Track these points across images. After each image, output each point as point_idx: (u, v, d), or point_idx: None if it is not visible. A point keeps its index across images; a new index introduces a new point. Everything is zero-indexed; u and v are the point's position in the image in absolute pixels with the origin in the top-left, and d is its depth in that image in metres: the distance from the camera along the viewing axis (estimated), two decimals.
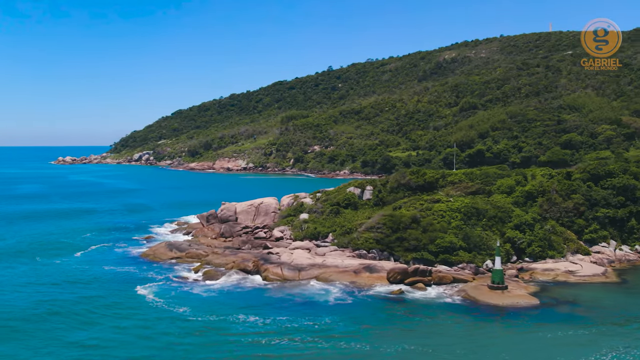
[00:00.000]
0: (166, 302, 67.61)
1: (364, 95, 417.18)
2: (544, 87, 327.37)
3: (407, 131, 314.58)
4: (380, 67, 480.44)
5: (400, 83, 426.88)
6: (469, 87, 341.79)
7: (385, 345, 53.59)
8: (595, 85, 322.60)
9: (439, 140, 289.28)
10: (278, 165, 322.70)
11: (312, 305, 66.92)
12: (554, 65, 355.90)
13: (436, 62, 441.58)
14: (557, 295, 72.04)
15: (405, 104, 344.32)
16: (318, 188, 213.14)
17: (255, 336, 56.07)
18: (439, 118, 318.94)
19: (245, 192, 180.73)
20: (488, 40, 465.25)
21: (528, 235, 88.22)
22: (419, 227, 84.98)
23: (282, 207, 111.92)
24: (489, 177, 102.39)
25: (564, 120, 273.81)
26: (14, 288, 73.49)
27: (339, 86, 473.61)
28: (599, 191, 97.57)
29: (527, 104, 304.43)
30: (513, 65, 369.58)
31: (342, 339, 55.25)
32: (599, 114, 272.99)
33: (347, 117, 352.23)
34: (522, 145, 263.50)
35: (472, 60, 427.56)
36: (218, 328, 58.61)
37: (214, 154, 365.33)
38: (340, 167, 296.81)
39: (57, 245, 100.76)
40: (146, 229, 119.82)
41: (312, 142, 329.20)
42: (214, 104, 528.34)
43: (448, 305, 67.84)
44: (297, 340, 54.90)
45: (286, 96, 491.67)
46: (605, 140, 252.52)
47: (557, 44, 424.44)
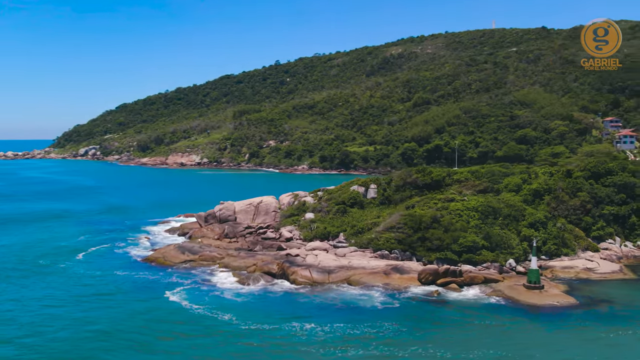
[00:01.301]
0: (206, 309, 64.85)
1: (312, 90, 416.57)
2: (494, 83, 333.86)
3: (362, 126, 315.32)
4: (328, 62, 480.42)
5: (348, 78, 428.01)
6: (420, 83, 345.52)
7: (464, 352, 52.59)
8: (543, 82, 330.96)
9: (394, 135, 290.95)
10: (233, 161, 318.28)
11: (360, 310, 65.21)
12: (501, 62, 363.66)
13: (383, 57, 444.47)
14: (590, 294, 72.61)
15: (358, 99, 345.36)
16: (284, 183, 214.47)
17: (326, 346, 54.09)
18: (393, 113, 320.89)
19: (222, 190, 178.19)
20: (433, 37, 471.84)
21: (542, 233, 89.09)
22: (439, 227, 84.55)
23: (282, 206, 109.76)
24: (495, 176, 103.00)
25: (516, 116, 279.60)
26: (42, 310, 65.57)
27: (287, 80, 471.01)
28: (602, 189, 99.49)
29: (479, 99, 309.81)
30: (461, 62, 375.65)
31: (416, 345, 53.96)
32: (551, 110, 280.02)
33: (301, 112, 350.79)
34: (478, 140, 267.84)
35: (418, 56, 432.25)
36: (282, 338, 56.36)
37: (166, 149, 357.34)
38: (298, 162, 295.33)
39: (56, 251, 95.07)
40: (138, 229, 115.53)
41: (267, 137, 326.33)
42: (160, 98, 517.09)
43: (493, 307, 67.43)
44: (372, 349, 53.41)
45: (234, 90, 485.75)
46: (558, 135, 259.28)
47: (501, 40, 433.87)
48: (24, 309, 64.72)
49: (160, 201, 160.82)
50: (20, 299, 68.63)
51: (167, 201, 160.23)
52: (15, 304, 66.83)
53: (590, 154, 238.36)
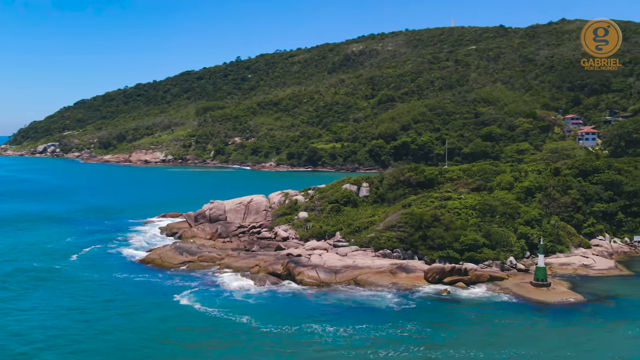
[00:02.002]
0: (222, 312, 63.33)
1: (274, 86, 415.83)
2: (456, 80, 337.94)
3: (327, 123, 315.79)
4: (289, 59, 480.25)
5: (310, 74, 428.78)
6: (384, 80, 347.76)
7: (497, 353, 52.70)
8: (504, 79, 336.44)
9: (361, 132, 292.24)
10: (198, 158, 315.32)
11: (378, 311, 64.63)
12: (462, 59, 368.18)
13: (344, 54, 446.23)
14: (594, 291, 73.45)
15: (322, 95, 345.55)
16: (261, 181, 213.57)
17: (355, 349, 53.42)
18: (358, 110, 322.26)
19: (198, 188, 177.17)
20: (394, 34, 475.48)
21: (537, 230, 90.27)
22: (440, 225, 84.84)
23: (273, 204, 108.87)
24: (487, 174, 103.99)
25: (481, 113, 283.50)
26: (53, 321, 61.27)
27: (248, 77, 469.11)
28: (591, 186, 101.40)
29: (443, 97, 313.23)
30: (423, 59, 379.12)
31: (447, 347, 53.72)
32: (514, 107, 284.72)
33: (266, 109, 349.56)
34: (445, 137, 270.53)
35: (379, 53, 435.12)
36: (309, 341, 55.46)
37: (129, 146, 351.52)
38: (265, 159, 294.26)
39: (47, 254, 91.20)
40: (123, 229, 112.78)
41: (232, 133, 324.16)
42: (119, 94, 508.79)
43: (507, 305, 67.73)
44: (402, 351, 53.09)
45: (195, 86, 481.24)
46: (523, 132, 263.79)
47: (460, 38, 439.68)
48: (33, 319, 61.39)
49: (138, 200, 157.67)
50: (26, 308, 65.33)
51: (144, 200, 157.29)
52: (23, 314, 63.38)
53: (555, 150, 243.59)
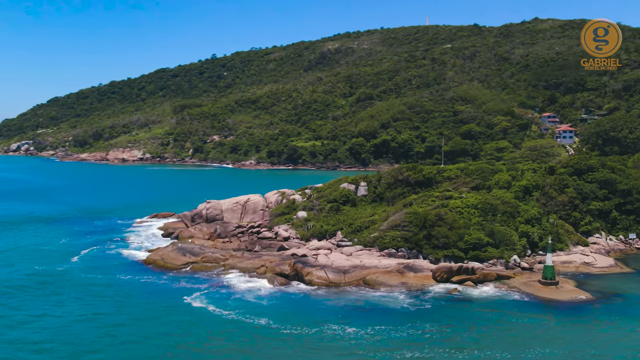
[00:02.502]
0: (238, 314, 62.62)
1: (250, 84, 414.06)
2: (433, 79, 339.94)
3: (306, 121, 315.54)
4: (265, 56, 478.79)
5: (286, 72, 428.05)
6: (362, 78, 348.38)
7: (523, 353, 52.82)
8: (480, 78, 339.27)
9: (340, 130, 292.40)
10: (177, 156, 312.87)
11: (394, 312, 64.37)
12: (439, 58, 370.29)
13: (320, 52, 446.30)
14: (599, 288, 74.06)
15: (300, 94, 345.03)
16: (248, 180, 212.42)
17: (380, 350, 53.18)
18: (336, 108, 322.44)
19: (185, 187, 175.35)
20: (369, 32, 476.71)
21: (537, 229, 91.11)
22: (444, 225, 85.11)
23: (270, 204, 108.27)
24: (485, 173, 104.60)
25: (459, 111, 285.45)
26: (68, 328, 59.12)
27: (224, 75, 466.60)
28: (586, 185, 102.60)
29: (420, 95, 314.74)
30: (399, 58, 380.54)
31: (471, 347, 53.85)
32: (492, 105, 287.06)
33: (244, 107, 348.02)
34: (425, 135, 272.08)
35: (355, 51, 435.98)
36: (332, 343, 55.07)
37: (105, 144, 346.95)
38: (244, 157, 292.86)
39: (46, 256, 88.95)
40: (117, 230, 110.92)
41: (210, 131, 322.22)
42: (93, 92, 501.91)
43: (520, 304, 68.10)
44: (427, 352, 53.02)
45: (170, 84, 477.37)
46: (501, 130, 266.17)
47: (435, 37, 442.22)
48: (48, 328, 59.00)
49: (125, 199, 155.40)
50: (38, 314, 63.28)
51: (131, 199, 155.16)
52: (38, 322, 60.91)
53: (534, 148, 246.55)
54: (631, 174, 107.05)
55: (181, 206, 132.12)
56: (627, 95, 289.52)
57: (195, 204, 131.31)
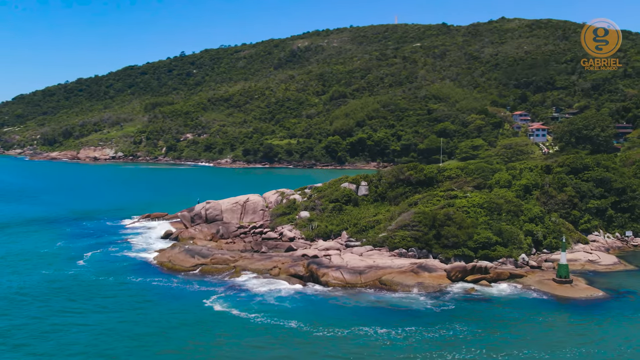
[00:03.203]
0: (265, 317, 61.61)
1: (220, 82, 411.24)
2: (405, 77, 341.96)
3: (280, 119, 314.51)
4: (235, 54, 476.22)
5: (256, 70, 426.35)
6: (334, 76, 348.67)
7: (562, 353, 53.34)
8: (452, 76, 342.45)
9: (315, 129, 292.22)
10: (150, 154, 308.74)
11: (419, 313, 63.97)
12: (410, 56, 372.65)
13: (290, 50, 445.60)
14: (610, 286, 74.77)
15: (273, 92, 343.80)
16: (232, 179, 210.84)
17: (420, 352, 53.02)
18: (310, 106, 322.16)
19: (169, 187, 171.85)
20: (339, 30, 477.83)
21: (541, 227, 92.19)
22: (453, 224, 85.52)
23: (269, 204, 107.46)
24: (485, 172, 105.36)
25: (433, 109, 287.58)
26: (100, 337, 56.88)
27: (194, 72, 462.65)
28: (584, 184, 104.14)
29: (394, 93, 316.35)
30: (370, 56, 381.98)
31: (510, 347, 53.91)
32: (466, 104, 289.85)
33: (217, 105, 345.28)
34: (400, 133, 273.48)
35: (325, 49, 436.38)
36: (370, 344, 54.56)
37: (76, 143, 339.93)
38: (219, 155, 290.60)
39: (48, 260, 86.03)
40: (112, 231, 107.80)
41: (183, 129, 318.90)
42: (59, 89, 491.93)
43: (539, 302, 68.52)
44: (464, 353, 53.02)
45: (139, 81, 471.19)
46: (476, 129, 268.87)
47: (405, 35, 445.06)
48: (77, 339, 56.44)
49: (110, 200, 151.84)
50: (62, 324, 60.63)
51: (117, 200, 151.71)
52: (65, 332, 58.19)
53: (509, 146, 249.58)
54: (624, 172, 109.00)
55: (169, 206, 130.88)
56: (595, 94, 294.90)
57: (181, 203, 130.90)
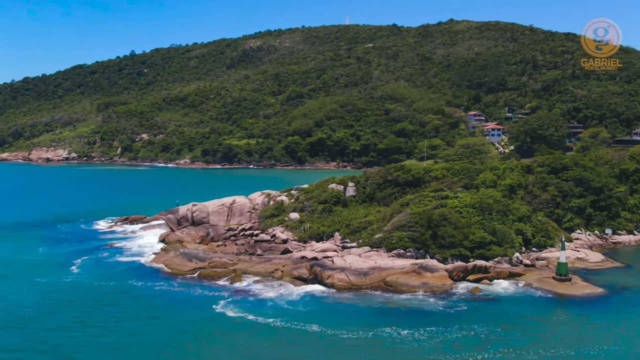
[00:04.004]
0: (283, 321, 61.17)
1: (172, 82, 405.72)
2: (360, 77, 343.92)
3: (237, 119, 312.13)
4: (186, 53, 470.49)
5: (208, 70, 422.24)
6: (290, 77, 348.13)
7: (584, 350, 54.54)
8: (405, 77, 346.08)
9: (273, 129, 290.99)
10: (105, 155, 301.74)
11: (434, 314, 64.68)
12: (364, 57, 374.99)
13: (242, 49, 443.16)
14: (606, 283, 76.32)
15: (229, 92, 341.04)
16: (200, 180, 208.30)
17: (447, 353, 53.63)
18: (267, 106, 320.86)
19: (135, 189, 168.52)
20: (291, 30, 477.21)
21: (529, 226, 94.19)
22: (448, 224, 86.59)
23: (256, 206, 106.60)
24: (470, 172, 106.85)
25: (390, 109, 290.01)
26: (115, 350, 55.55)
27: (145, 71, 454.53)
28: (564, 183, 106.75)
29: (350, 93, 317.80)
30: (324, 56, 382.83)
31: (534, 346, 54.93)
32: (422, 104, 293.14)
33: (172, 105, 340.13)
34: (359, 133, 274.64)
35: (277, 49, 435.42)
36: (398, 346, 55.06)
37: (27, 143, 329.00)
38: (177, 156, 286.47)
39: (38, 266, 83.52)
40: (95, 236, 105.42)
41: (139, 130, 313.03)
42: (5, 88, 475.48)
43: (546, 300, 70.10)
44: (492, 352, 53.92)
45: (88, 81, 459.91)
46: (433, 129, 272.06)
47: (356, 36, 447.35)
48: (99, 356, 54.88)
49: (78, 202, 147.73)
50: (78, 336, 58.45)
51: (86, 202, 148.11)
52: (85, 347, 56.08)
53: (467, 146, 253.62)
54: (601, 172, 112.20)
55: (143, 209, 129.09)
56: (546, 94, 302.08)
57: (155, 205, 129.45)
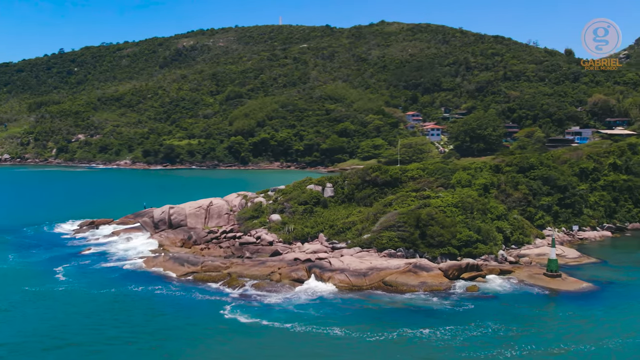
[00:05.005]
0: (301, 325, 60.03)
1: (104, 81, 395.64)
2: (298, 78, 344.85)
3: (176, 119, 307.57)
4: (117, 52, 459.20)
5: (141, 69, 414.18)
6: (228, 76, 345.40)
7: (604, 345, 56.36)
8: (343, 77, 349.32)
9: (214, 129, 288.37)
10: (39, 156, 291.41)
11: (445, 313, 65.05)
12: (300, 57, 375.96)
13: (175, 49, 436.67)
14: (591, 278, 77.89)
15: (166, 91, 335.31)
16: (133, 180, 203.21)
17: (475, 351, 54.57)
18: (206, 106, 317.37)
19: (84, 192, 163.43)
20: (224, 30, 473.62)
21: (507, 224, 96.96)
22: (435, 224, 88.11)
23: (233, 207, 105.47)
24: (445, 172, 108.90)
25: (331, 110, 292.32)
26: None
27: (75, 70, 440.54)
28: (533, 182, 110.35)
29: (289, 93, 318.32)
30: (260, 56, 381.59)
31: (555, 343, 56.28)
32: (362, 104, 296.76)
33: (108, 104, 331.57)
34: (302, 133, 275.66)
35: (211, 49, 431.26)
36: (427, 347, 55.43)
37: None
38: (116, 157, 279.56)
39: (18, 276, 79.11)
40: (63, 242, 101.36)
41: (75, 130, 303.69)
42: None
43: (544, 297, 71.59)
44: (517, 349, 55.30)
45: (15, 79, 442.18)
46: (375, 128, 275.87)
47: (290, 36, 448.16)
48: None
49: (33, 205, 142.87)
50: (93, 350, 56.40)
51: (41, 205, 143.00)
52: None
53: (409, 145, 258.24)
54: (564, 170, 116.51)
55: (104, 211, 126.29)
56: (480, 95, 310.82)
57: (111, 208, 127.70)
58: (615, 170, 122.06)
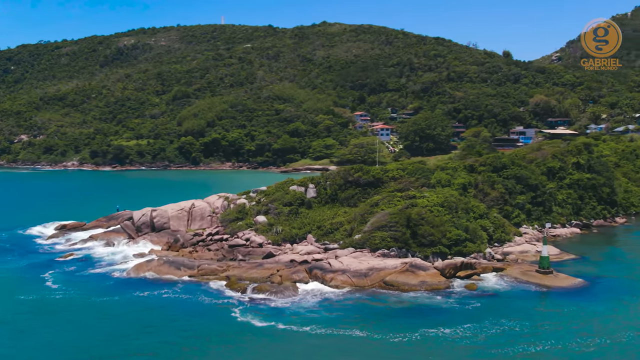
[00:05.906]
0: (320, 328, 59.57)
1: (43, 80, 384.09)
2: (245, 78, 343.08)
3: (122, 119, 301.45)
4: (56, 50, 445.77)
5: (81, 67, 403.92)
6: (173, 76, 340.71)
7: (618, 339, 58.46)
8: (289, 77, 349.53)
9: (162, 129, 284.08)
10: None
11: (455, 312, 65.91)
12: (245, 57, 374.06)
13: (116, 47, 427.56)
14: (577, 274, 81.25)
15: (111, 91, 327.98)
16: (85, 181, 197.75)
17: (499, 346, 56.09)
18: (152, 106, 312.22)
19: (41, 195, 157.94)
20: (166, 29, 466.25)
21: (489, 223, 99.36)
22: (425, 223, 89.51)
23: (216, 209, 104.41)
24: (425, 172, 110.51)
25: (281, 110, 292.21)
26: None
27: (11, 69, 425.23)
28: (507, 181, 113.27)
29: (237, 93, 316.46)
30: (205, 56, 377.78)
31: (574, 340, 57.82)
32: (311, 104, 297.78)
33: (50, 104, 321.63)
34: (254, 133, 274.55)
35: (153, 48, 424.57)
36: (456, 347, 56.13)
37: None
38: (63, 157, 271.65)
39: (7, 284, 77.55)
40: (37, 247, 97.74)
41: (17, 130, 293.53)
42: None
43: (541, 294, 73.66)
44: (533, 346, 56.73)
45: None
46: (325, 128, 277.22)
47: (233, 36, 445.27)
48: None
49: None
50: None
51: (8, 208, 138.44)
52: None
53: (361, 145, 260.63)
54: (535, 170, 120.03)
55: (71, 214, 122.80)
56: (426, 96, 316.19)
57: (77, 210, 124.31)
58: (578, 169, 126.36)
